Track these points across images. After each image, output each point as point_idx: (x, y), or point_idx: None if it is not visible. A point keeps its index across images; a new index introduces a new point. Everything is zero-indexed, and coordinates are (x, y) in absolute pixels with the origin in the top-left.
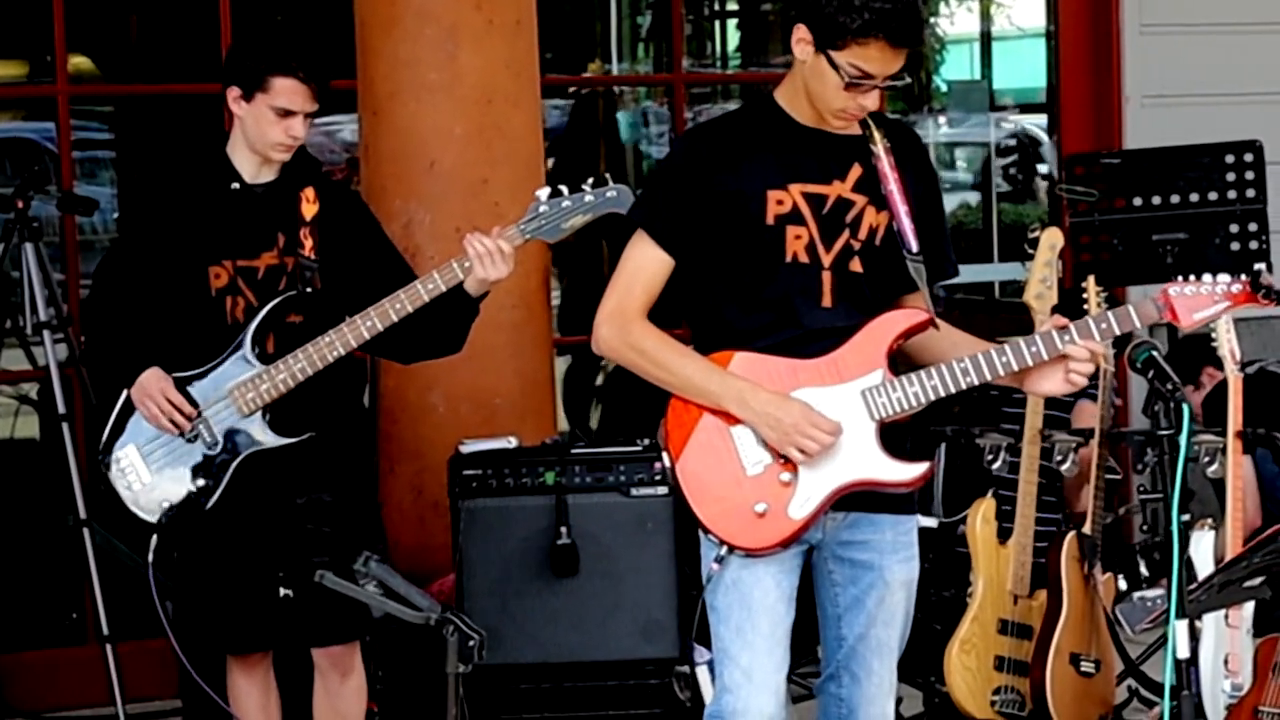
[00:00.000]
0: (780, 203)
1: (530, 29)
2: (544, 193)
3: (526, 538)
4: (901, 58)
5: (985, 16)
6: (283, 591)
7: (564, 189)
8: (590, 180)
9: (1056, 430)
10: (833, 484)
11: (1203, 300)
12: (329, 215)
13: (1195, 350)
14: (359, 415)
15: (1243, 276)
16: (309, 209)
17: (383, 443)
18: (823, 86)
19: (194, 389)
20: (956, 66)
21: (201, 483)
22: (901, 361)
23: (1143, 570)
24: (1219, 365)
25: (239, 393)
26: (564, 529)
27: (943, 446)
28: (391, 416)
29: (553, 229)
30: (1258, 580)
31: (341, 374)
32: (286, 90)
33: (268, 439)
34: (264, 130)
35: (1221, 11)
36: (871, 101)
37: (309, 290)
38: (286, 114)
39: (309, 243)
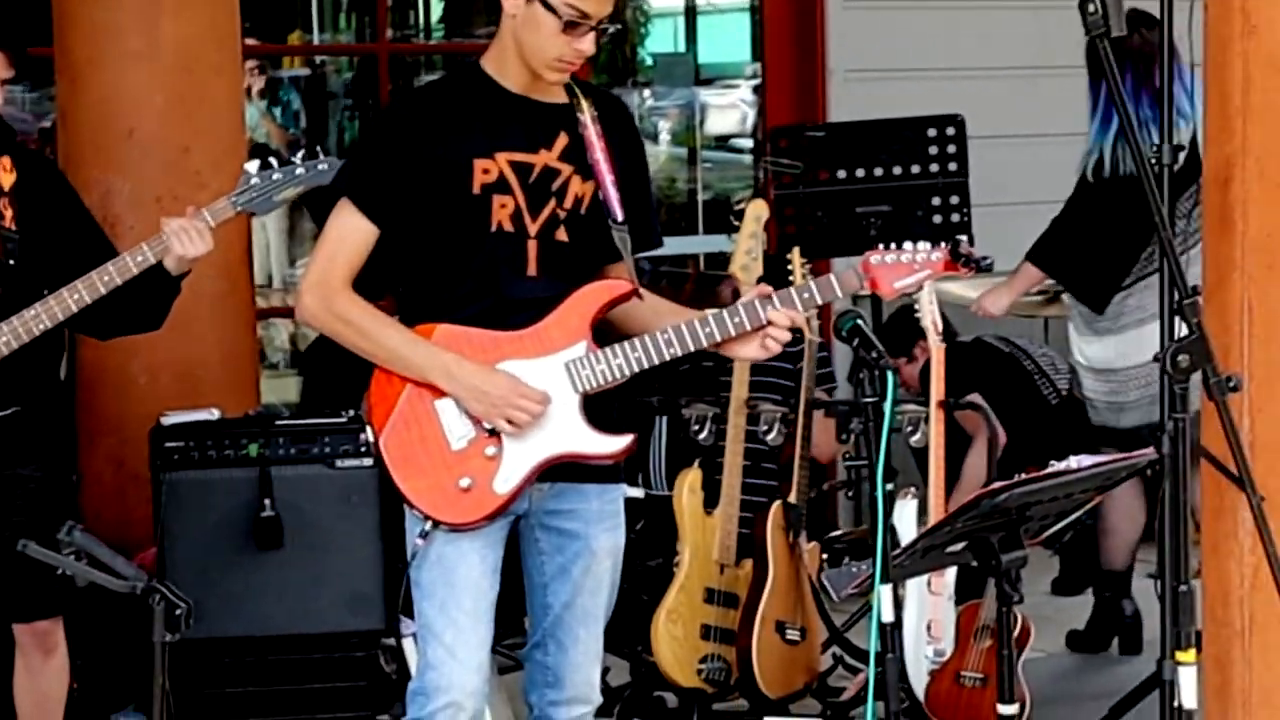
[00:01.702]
0: (486, 171)
1: None
2: (254, 165)
3: (230, 510)
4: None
5: None
6: None
7: (274, 161)
8: (301, 153)
9: (765, 400)
10: (537, 457)
11: (903, 269)
12: (27, 185)
13: (908, 324)
14: (56, 388)
15: (943, 245)
16: (6, 178)
17: (82, 415)
18: (537, 35)
19: None
20: (661, 40)
21: None
22: (608, 331)
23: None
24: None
25: None
26: (268, 501)
27: (664, 418)
28: (91, 388)
29: (264, 201)
30: (960, 545)
31: (40, 346)
32: None
33: None
34: None
35: None
36: (589, 45)
37: (10, 262)
38: None
39: (9, 213)
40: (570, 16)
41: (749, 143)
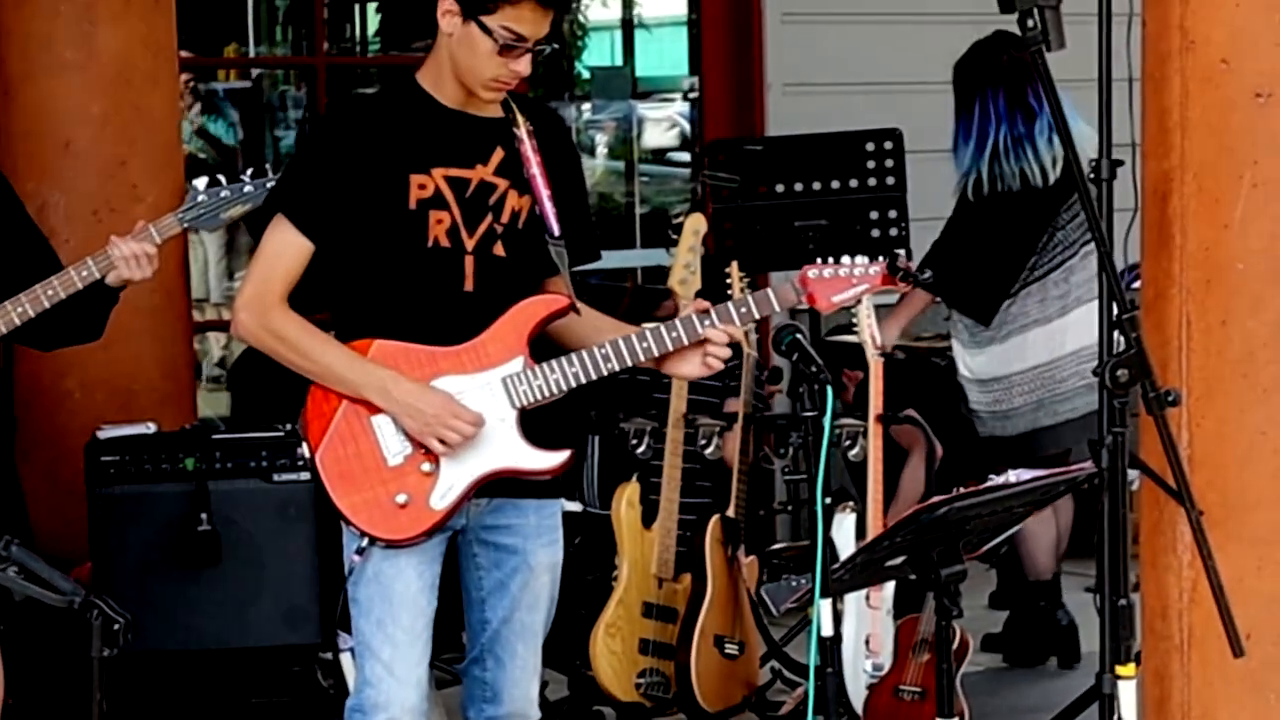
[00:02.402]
0: (423, 187)
1: (169, 8)
2: (202, 182)
3: (166, 524)
4: (549, 19)
5: (627, 4)
6: None
7: (222, 178)
8: (249, 170)
9: (702, 414)
10: (474, 473)
11: (840, 283)
12: None
13: (833, 354)
14: (3, 399)
15: (880, 259)
16: None
17: (18, 430)
18: (473, 56)
19: None
20: (598, 53)
21: None
22: (545, 346)
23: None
24: (855, 364)
25: None
26: (204, 515)
27: (596, 439)
28: (25, 403)
29: (211, 218)
30: (899, 559)
31: None
32: None
33: None
34: None
35: (861, 2)
36: (524, 66)
37: None
38: None
39: None
40: (506, 40)
41: (686, 156)
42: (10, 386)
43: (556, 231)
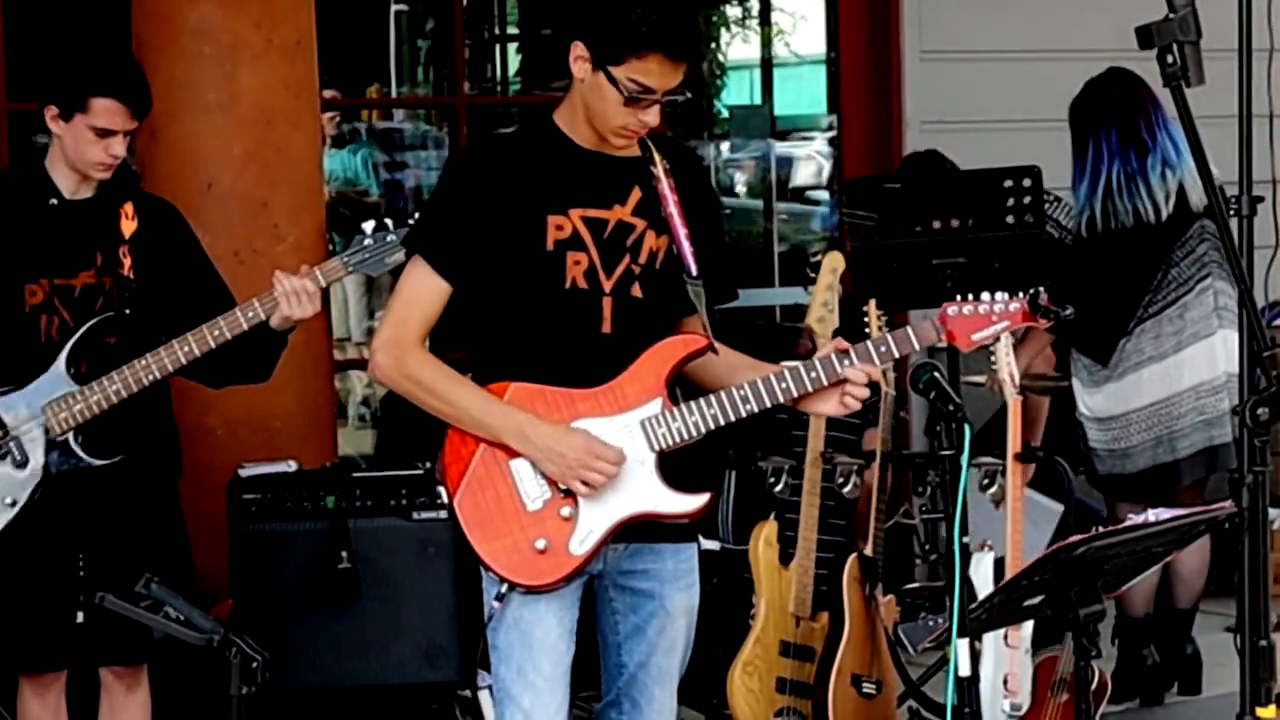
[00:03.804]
0: (560, 228)
1: (310, 49)
2: (369, 226)
3: (307, 562)
4: (680, 71)
5: (766, 43)
6: (79, 616)
7: (389, 222)
8: (416, 214)
9: (841, 453)
10: (613, 518)
11: (981, 320)
12: (148, 233)
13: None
14: (170, 437)
15: (1021, 295)
16: (128, 226)
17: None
18: (603, 104)
19: (3, 406)
20: (738, 92)
21: (8, 500)
22: (682, 385)
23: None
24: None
25: (52, 412)
26: (344, 553)
27: (732, 475)
28: None
29: (376, 262)
30: (1037, 599)
31: (153, 396)
32: (106, 110)
33: (80, 459)
34: (83, 150)
35: (999, 39)
36: (653, 117)
37: (126, 311)
38: (106, 133)
39: (127, 261)
40: (632, 92)
41: (825, 194)
42: (175, 426)
43: (695, 271)
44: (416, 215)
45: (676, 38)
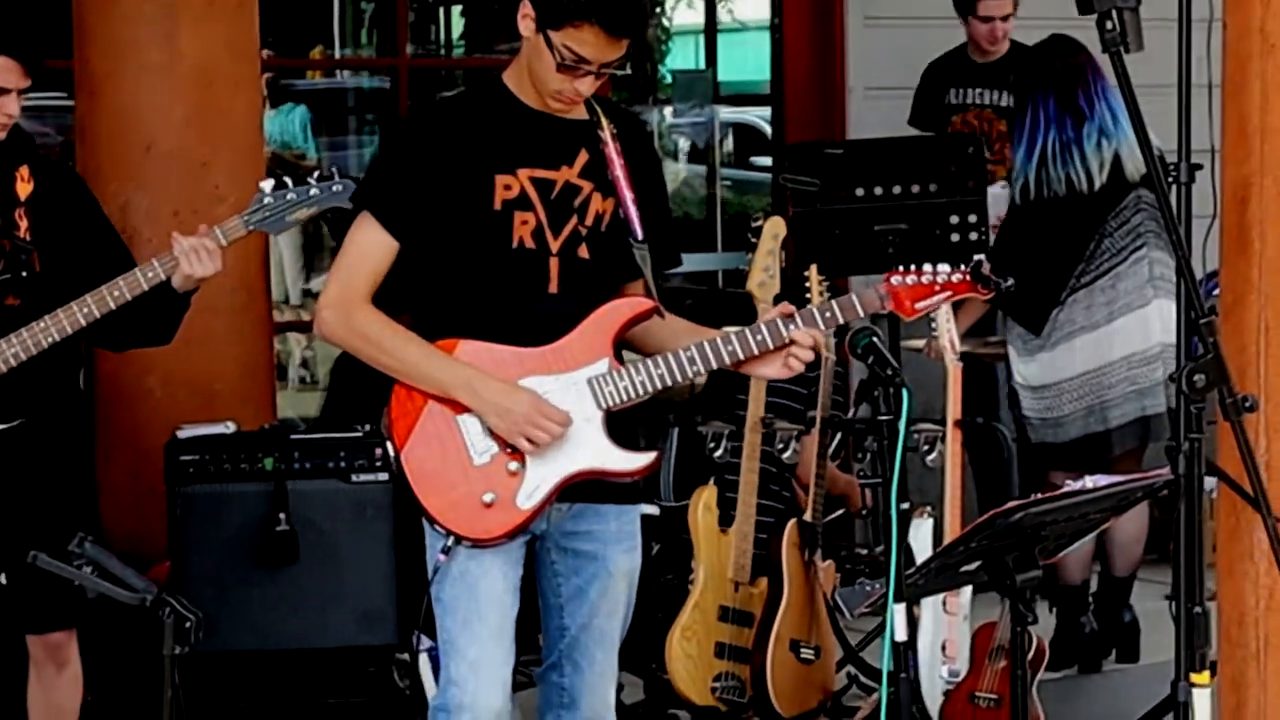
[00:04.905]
0: (508, 188)
1: (251, 11)
2: (268, 185)
3: (244, 524)
4: (619, 46)
5: (710, 9)
6: (1, 577)
7: (289, 181)
8: (316, 173)
9: (781, 418)
10: (561, 473)
11: (924, 290)
12: (45, 195)
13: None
14: (72, 400)
15: (963, 266)
16: (23, 188)
17: (99, 428)
18: (541, 67)
19: None
20: (681, 58)
21: None
22: (625, 349)
23: None
24: None
25: None
26: (283, 515)
27: (674, 433)
28: (108, 401)
29: (276, 221)
30: (974, 565)
31: (52, 358)
32: None
33: None
34: None
35: (943, 5)
36: (587, 87)
37: (24, 274)
38: None
39: (24, 224)
40: (566, 60)
41: (768, 160)
42: (92, 387)
43: (640, 235)
44: (317, 175)
45: (616, 12)
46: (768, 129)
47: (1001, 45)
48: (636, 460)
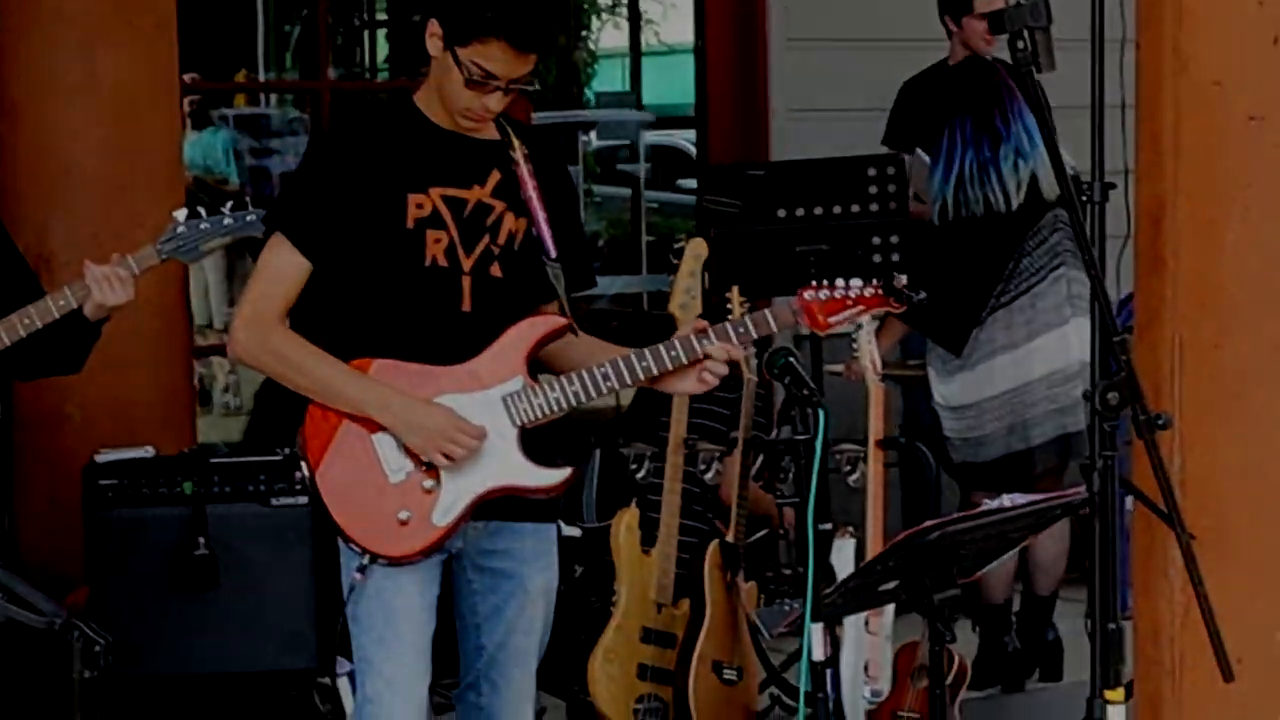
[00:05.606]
0: (420, 206)
1: (170, 34)
2: (181, 214)
3: (164, 548)
4: (527, 62)
5: (635, 32)
6: None
7: (202, 210)
8: (230, 203)
9: (704, 439)
10: (476, 490)
11: (836, 304)
12: None
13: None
14: None
15: (875, 281)
16: None
17: (17, 453)
18: (449, 84)
19: None
20: (607, 80)
21: None
22: (539, 369)
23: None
24: None
25: None
26: (201, 539)
27: (597, 454)
28: (26, 426)
29: (190, 250)
30: (892, 584)
31: None
32: None
33: None
34: None
35: (867, 27)
36: (495, 103)
37: None
38: None
39: None
40: (474, 76)
41: (693, 182)
42: (10, 411)
43: (553, 253)
44: (230, 204)
45: (522, 27)
46: (693, 151)
47: (995, 45)
48: (552, 476)
